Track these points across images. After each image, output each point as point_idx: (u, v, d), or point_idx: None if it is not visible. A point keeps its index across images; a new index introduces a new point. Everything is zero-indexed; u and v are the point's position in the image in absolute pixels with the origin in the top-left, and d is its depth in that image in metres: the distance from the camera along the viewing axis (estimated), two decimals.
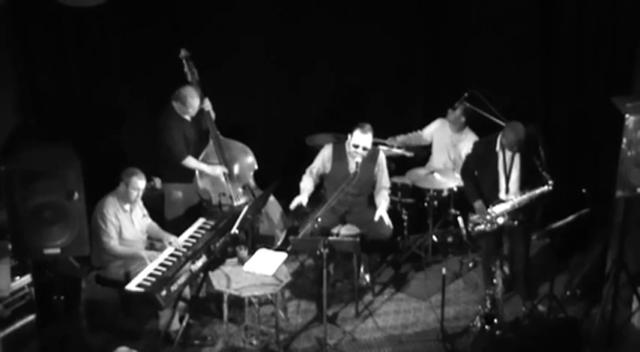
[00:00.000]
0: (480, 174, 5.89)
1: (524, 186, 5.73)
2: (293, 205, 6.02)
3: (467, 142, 6.80)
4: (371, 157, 6.10)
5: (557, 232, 5.51)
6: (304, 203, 6.01)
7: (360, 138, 5.94)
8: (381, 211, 6.02)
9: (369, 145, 5.99)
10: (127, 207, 5.67)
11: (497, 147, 5.77)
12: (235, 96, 7.19)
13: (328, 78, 7.48)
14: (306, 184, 6.13)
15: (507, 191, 5.80)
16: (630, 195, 5.18)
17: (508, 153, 5.75)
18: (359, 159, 5.92)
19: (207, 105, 6.34)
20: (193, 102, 6.20)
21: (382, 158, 6.21)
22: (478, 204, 5.83)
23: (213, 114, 6.38)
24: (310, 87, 7.41)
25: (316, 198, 6.25)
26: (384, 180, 6.22)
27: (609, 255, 5.83)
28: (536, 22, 7.11)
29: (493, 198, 5.82)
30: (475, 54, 7.30)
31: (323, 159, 6.18)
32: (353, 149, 5.97)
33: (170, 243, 5.71)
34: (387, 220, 6.03)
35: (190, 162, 6.25)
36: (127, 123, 7.09)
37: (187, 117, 6.27)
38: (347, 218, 6.20)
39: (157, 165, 6.45)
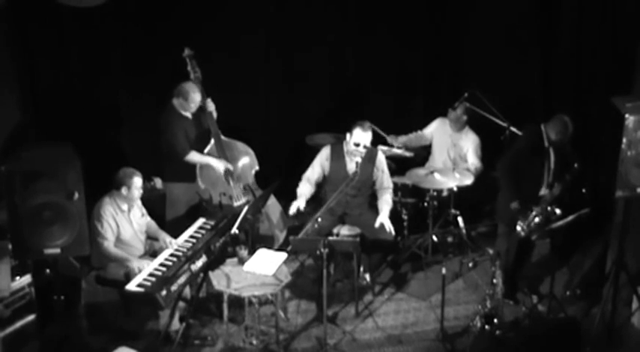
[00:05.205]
0: (523, 170, 5.75)
1: (555, 180, 5.72)
2: (292, 211, 6.00)
3: (467, 141, 6.82)
4: (369, 158, 6.08)
5: (557, 232, 5.51)
6: (302, 207, 5.99)
7: (361, 136, 5.93)
8: (382, 218, 6.01)
9: (369, 143, 5.98)
10: (125, 206, 5.67)
11: (547, 143, 5.70)
12: (236, 96, 7.19)
13: (328, 77, 7.49)
14: (303, 190, 6.11)
15: (549, 186, 5.75)
16: (630, 195, 5.18)
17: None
18: (359, 159, 5.92)
19: (210, 106, 6.33)
20: (195, 98, 6.19)
21: (381, 158, 6.19)
22: (517, 203, 5.66)
23: (215, 115, 6.37)
24: (310, 87, 7.43)
25: (316, 199, 6.25)
26: (385, 181, 6.20)
27: (609, 254, 5.83)
28: (537, 22, 7.12)
29: (534, 194, 5.74)
30: (475, 54, 7.32)
31: (322, 160, 6.17)
32: (353, 147, 5.95)
33: (167, 243, 5.70)
34: (389, 226, 6.00)
35: (194, 156, 6.23)
36: (128, 123, 7.11)
37: (188, 115, 6.27)
38: (346, 220, 6.20)
39: (158, 164, 6.45)
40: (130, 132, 7.11)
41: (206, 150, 6.36)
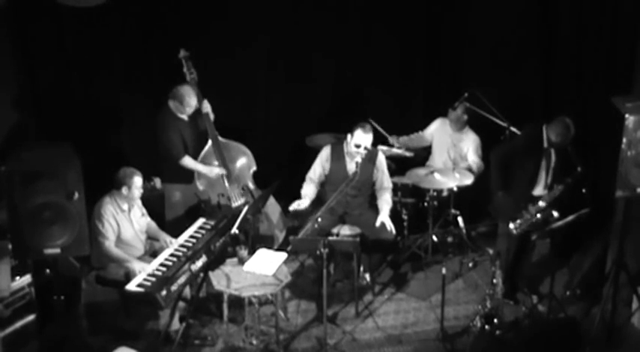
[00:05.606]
0: (516, 167, 5.77)
1: (555, 181, 5.71)
2: (292, 207, 5.99)
3: (467, 141, 6.82)
4: (369, 158, 6.09)
5: (557, 232, 5.51)
6: (303, 206, 5.99)
7: (362, 138, 5.94)
8: (383, 217, 6.03)
9: (369, 145, 5.98)
10: (125, 206, 5.66)
11: (546, 144, 5.69)
12: (235, 97, 7.20)
13: (328, 78, 7.48)
14: (308, 191, 6.12)
15: (548, 187, 5.75)
16: (630, 195, 5.19)
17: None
18: (359, 159, 5.92)
19: (207, 107, 6.33)
20: (191, 101, 6.19)
21: (381, 159, 6.20)
22: (502, 193, 5.70)
23: (212, 116, 6.36)
24: (310, 87, 7.42)
25: (316, 198, 6.24)
26: (385, 181, 6.21)
27: (609, 254, 5.83)
28: (537, 22, 7.11)
29: (525, 193, 5.74)
30: (475, 54, 7.31)
31: (322, 160, 6.17)
32: (354, 149, 5.96)
33: (167, 243, 5.71)
34: (390, 225, 6.01)
35: (188, 162, 6.25)
36: (127, 123, 7.10)
37: (184, 117, 6.27)
38: (346, 219, 6.20)
39: (156, 165, 6.45)
40: (130, 132, 7.11)
41: (203, 152, 6.36)
